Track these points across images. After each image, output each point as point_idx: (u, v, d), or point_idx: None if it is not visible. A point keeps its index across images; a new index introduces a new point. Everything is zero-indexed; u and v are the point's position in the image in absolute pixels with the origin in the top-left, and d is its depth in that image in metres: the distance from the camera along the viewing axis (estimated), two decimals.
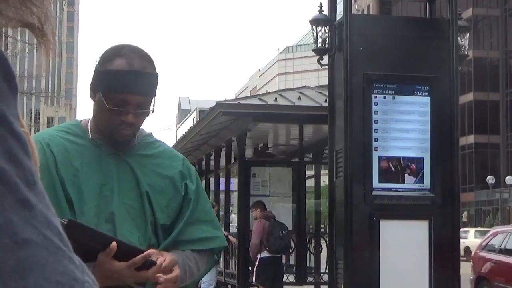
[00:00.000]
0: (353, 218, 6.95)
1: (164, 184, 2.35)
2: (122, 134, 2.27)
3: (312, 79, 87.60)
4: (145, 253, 2.04)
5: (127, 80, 2.22)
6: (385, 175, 7.08)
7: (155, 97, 2.31)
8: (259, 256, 11.39)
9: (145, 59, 2.27)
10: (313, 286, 13.19)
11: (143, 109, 2.25)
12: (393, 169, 7.11)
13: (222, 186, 14.85)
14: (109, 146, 2.31)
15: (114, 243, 2.01)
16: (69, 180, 2.25)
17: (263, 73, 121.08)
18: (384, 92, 7.14)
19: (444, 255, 7.06)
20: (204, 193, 2.47)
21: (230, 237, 13.14)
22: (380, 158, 7.07)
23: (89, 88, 2.32)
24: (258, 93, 45.80)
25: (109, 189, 2.27)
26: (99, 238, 2.04)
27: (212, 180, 16.14)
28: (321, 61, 7.66)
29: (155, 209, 2.30)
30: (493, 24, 66.08)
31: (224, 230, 13.38)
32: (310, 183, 14.61)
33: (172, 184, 2.36)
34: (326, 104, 8.06)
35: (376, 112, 7.09)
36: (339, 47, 7.33)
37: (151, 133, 2.49)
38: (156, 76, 2.28)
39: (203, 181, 16.77)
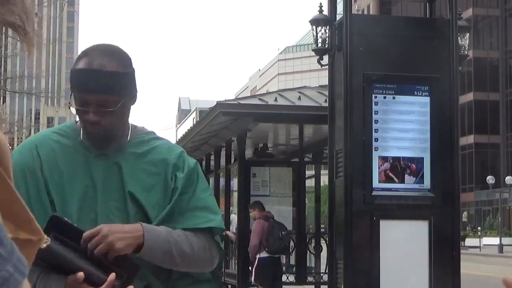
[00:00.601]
0: (353, 218, 6.95)
1: (154, 181, 2.33)
2: (91, 133, 2.28)
3: (312, 79, 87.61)
4: (108, 281, 2.06)
5: (84, 79, 2.23)
6: (385, 175, 7.08)
7: (127, 95, 2.27)
8: (258, 256, 11.38)
9: (111, 57, 2.25)
10: (313, 286, 13.19)
11: (106, 108, 2.23)
12: (393, 169, 7.11)
13: (222, 186, 14.85)
14: (98, 146, 2.32)
15: (81, 274, 2.04)
16: (54, 182, 2.26)
17: (263, 73, 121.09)
18: (384, 92, 7.15)
19: (444, 255, 7.06)
20: (202, 182, 2.40)
21: (228, 232, 13.15)
22: (380, 158, 7.08)
23: None
24: (258, 93, 45.79)
25: (94, 191, 2.28)
26: (79, 236, 2.11)
27: (212, 180, 16.14)
28: (321, 61, 7.67)
29: (146, 208, 2.29)
30: (493, 24, 66.09)
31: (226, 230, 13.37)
32: (310, 183, 14.61)
33: (163, 180, 2.34)
34: (326, 104, 8.06)
35: (376, 112, 7.09)
36: (339, 47, 7.34)
37: (152, 132, 2.47)
38: (122, 74, 2.25)
39: None
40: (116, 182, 2.30)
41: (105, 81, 2.22)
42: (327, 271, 8.28)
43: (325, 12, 7.69)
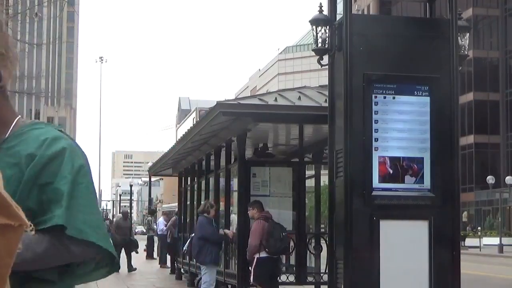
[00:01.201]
0: (353, 218, 6.95)
1: (12, 172, 2.27)
2: None
3: (312, 79, 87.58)
4: None
5: None
6: (385, 175, 7.08)
7: None
8: (256, 256, 11.35)
9: None
10: (313, 286, 13.18)
11: None
12: (393, 169, 7.12)
13: (222, 186, 14.84)
14: None
15: None
16: None
17: (263, 73, 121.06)
18: (384, 92, 7.15)
19: (444, 255, 7.07)
20: (66, 168, 2.27)
21: (226, 231, 13.14)
22: (380, 158, 7.08)
23: None
24: (258, 93, 45.81)
25: None
26: None
27: (212, 180, 16.13)
28: (321, 61, 7.67)
29: None
30: (493, 24, 66.08)
31: (224, 229, 13.38)
32: (310, 183, 14.60)
33: (19, 171, 2.28)
34: (326, 104, 8.06)
35: (376, 112, 7.09)
36: (339, 47, 7.34)
37: (42, 122, 2.42)
38: None
39: (203, 181, 16.76)
40: None
41: None
42: (327, 271, 8.28)
43: (325, 12, 7.69)
